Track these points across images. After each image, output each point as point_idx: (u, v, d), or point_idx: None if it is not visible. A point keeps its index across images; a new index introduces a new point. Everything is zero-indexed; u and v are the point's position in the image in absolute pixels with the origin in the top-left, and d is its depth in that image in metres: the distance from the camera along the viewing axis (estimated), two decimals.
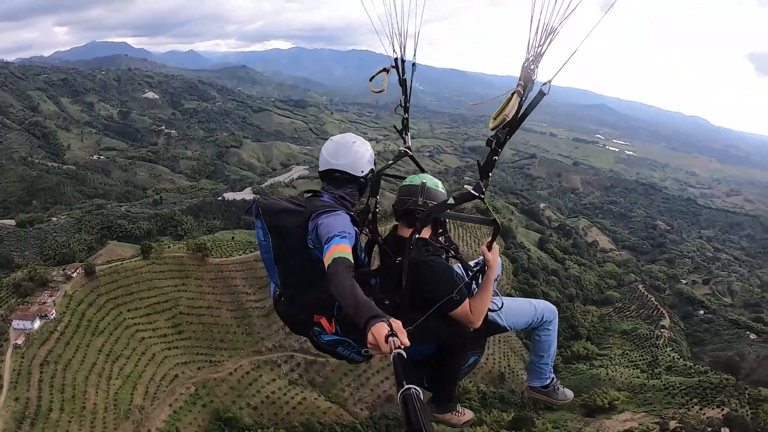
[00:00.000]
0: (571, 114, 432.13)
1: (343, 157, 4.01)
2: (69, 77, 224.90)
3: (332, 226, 3.36)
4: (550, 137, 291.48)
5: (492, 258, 4.16)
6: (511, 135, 3.40)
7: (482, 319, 4.10)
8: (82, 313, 55.61)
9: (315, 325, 3.78)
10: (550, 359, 5.11)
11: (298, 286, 3.78)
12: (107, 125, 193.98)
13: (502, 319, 4.56)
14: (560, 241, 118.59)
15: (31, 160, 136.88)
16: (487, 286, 4.13)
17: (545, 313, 4.83)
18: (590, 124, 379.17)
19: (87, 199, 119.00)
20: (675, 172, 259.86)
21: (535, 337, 4.99)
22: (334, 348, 3.86)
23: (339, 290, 2.81)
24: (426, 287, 3.90)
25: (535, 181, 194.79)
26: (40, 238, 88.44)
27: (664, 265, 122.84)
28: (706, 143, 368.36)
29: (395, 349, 2.19)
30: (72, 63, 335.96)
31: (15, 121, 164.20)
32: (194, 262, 68.89)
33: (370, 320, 2.43)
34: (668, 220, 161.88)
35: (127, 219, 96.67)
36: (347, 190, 4.08)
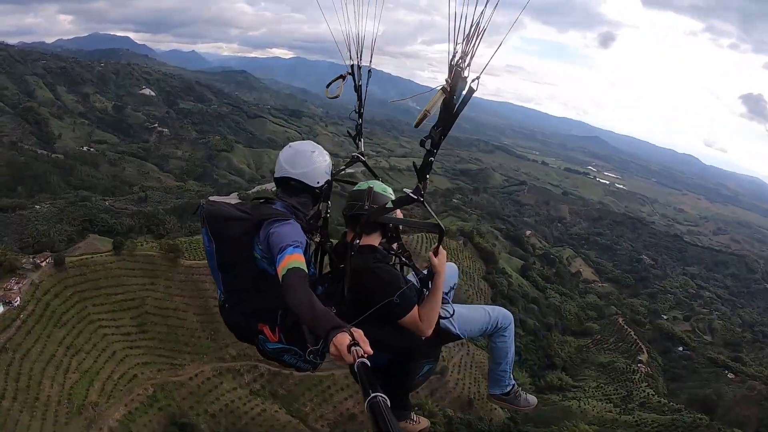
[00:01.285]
0: (564, 144, 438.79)
1: (299, 166, 3.90)
2: (68, 66, 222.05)
3: (285, 236, 3.33)
4: (541, 165, 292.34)
5: (438, 263, 4.03)
6: (445, 135, 3.34)
7: (433, 326, 4.00)
8: (47, 303, 54.61)
9: (259, 333, 3.70)
10: (509, 366, 5.05)
11: (242, 294, 3.72)
12: (101, 118, 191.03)
13: (455, 327, 4.47)
14: (543, 270, 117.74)
15: (21, 146, 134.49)
16: (435, 292, 4.02)
17: (500, 319, 4.75)
18: (583, 156, 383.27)
19: (72, 190, 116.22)
20: (663, 207, 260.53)
21: (492, 344, 4.94)
22: (280, 356, 3.78)
23: (296, 302, 2.83)
24: (370, 294, 3.82)
25: (523, 208, 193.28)
26: (20, 225, 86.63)
27: (646, 299, 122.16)
28: (697, 181, 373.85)
29: (358, 358, 2.21)
30: (73, 52, 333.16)
31: (9, 105, 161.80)
32: (165, 263, 67.54)
33: (332, 331, 2.46)
34: (653, 254, 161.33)
35: (110, 213, 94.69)
36: (301, 199, 3.95)
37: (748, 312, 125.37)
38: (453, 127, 3.35)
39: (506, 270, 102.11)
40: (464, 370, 69.81)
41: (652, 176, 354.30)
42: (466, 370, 69.88)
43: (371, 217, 3.94)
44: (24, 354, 48.68)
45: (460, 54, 3.08)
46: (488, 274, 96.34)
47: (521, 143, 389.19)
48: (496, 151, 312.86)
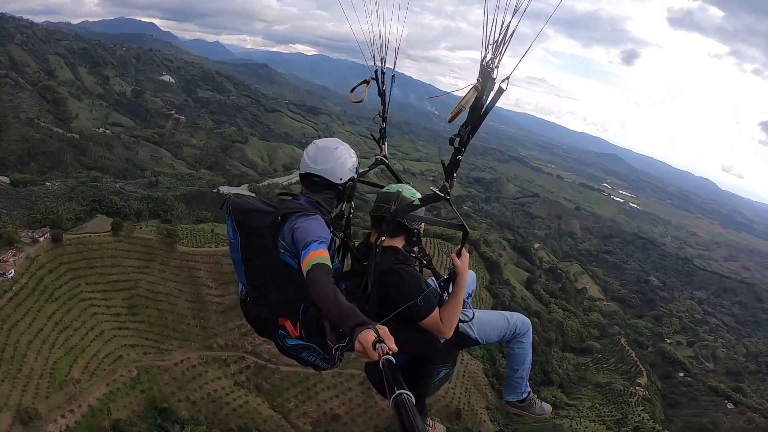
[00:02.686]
0: (581, 159, 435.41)
1: (323, 162, 3.92)
2: (90, 48, 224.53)
3: (310, 231, 3.36)
4: (556, 179, 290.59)
5: (461, 265, 4.10)
6: (473, 134, 3.43)
7: (453, 328, 4.04)
8: (41, 277, 55.48)
9: (280, 327, 3.71)
10: (525, 373, 4.99)
11: (263, 287, 3.72)
12: (119, 101, 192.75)
13: (474, 331, 4.51)
14: (548, 284, 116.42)
15: (37, 123, 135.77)
16: (457, 293, 4.06)
17: (518, 326, 4.76)
18: (599, 172, 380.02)
19: (85, 170, 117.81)
20: (676, 230, 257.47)
21: (509, 351, 4.92)
22: (299, 353, 3.78)
23: (321, 297, 2.85)
24: (393, 294, 3.89)
25: (534, 221, 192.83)
26: (30, 200, 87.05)
27: (650, 321, 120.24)
28: (712, 205, 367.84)
29: (384, 355, 2.22)
30: (97, 34, 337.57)
31: (29, 82, 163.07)
32: (162, 247, 67.76)
33: (357, 327, 2.48)
34: (662, 276, 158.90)
35: (119, 196, 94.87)
36: (324, 195, 3.96)
37: (754, 342, 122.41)
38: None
39: (510, 281, 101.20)
40: (456, 379, 68.37)
41: (667, 197, 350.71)
42: (458, 380, 68.62)
43: (398, 214, 3.97)
44: (12, 326, 49.22)
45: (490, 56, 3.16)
46: (491, 284, 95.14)
47: (538, 155, 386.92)
48: (512, 161, 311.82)
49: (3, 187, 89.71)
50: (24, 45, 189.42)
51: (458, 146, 3.48)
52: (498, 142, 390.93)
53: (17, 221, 72.97)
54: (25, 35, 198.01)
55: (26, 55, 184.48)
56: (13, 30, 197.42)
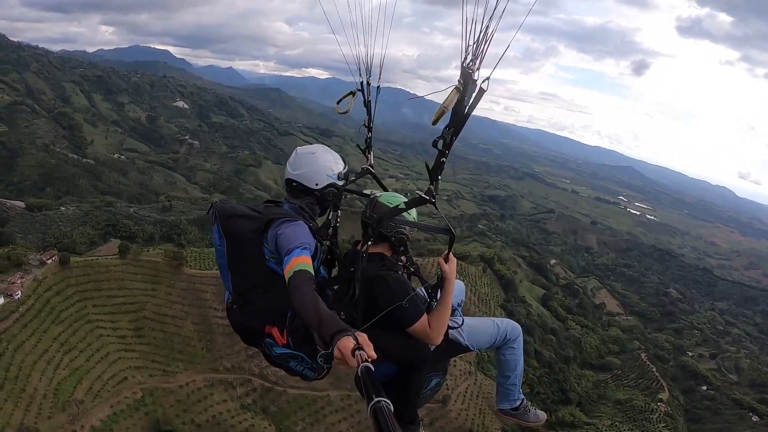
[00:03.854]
0: (596, 173, 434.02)
1: (299, 167, 3.95)
2: (104, 75, 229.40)
3: (292, 238, 3.37)
4: (572, 194, 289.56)
5: (449, 270, 4.11)
6: (456, 135, 3.44)
7: (442, 335, 4.04)
8: (47, 299, 55.67)
9: (267, 336, 3.67)
10: (518, 379, 4.94)
11: (250, 293, 3.70)
12: (133, 127, 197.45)
13: (464, 338, 4.50)
14: (565, 300, 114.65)
15: (53, 149, 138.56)
16: (445, 299, 4.06)
17: (509, 331, 4.74)
18: (614, 185, 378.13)
19: (99, 195, 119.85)
20: (694, 240, 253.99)
21: (500, 357, 4.87)
22: (287, 362, 3.75)
23: (301, 304, 2.88)
24: (380, 300, 3.87)
25: (550, 237, 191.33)
26: (45, 224, 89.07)
27: (671, 334, 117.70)
28: (730, 214, 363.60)
29: (362, 363, 2.21)
30: (112, 62, 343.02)
31: (45, 109, 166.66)
32: (169, 270, 67.82)
33: (336, 335, 2.46)
34: (681, 288, 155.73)
35: (133, 220, 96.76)
36: (305, 201, 3.96)
37: None
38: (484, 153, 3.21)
39: (526, 298, 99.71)
40: (469, 400, 67.02)
41: (684, 208, 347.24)
42: (471, 400, 67.11)
43: (384, 218, 3.95)
44: (17, 346, 49.35)
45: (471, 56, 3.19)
46: (506, 302, 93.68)
47: (552, 171, 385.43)
48: (526, 178, 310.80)
49: (18, 212, 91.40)
50: (40, 73, 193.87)
51: (442, 148, 3.47)
52: (512, 159, 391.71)
53: (32, 245, 73.92)
54: (40, 63, 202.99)
55: (42, 82, 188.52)
56: (29, 58, 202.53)
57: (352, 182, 4.57)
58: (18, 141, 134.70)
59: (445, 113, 3.31)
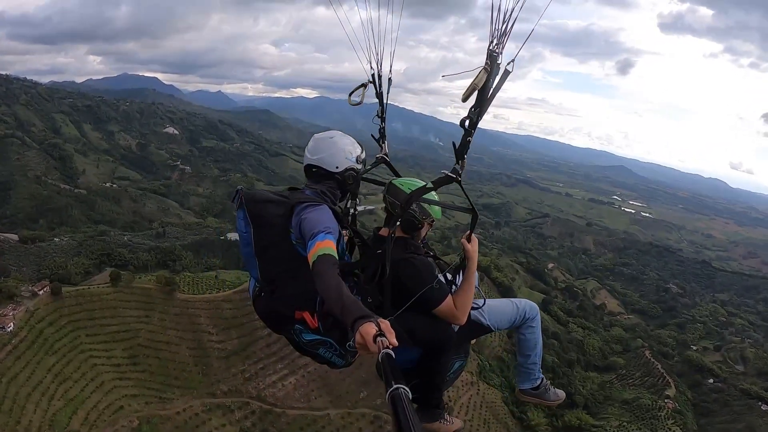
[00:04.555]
0: (588, 175, 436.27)
1: (318, 152, 3.99)
2: (93, 104, 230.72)
3: (316, 222, 3.36)
4: (565, 197, 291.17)
5: (472, 249, 4.25)
6: (482, 116, 3.61)
7: (467, 313, 4.11)
8: (40, 330, 55.84)
9: (296, 322, 3.63)
10: (538, 358, 5.00)
11: (279, 279, 3.67)
12: (125, 155, 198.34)
13: (486, 318, 4.56)
14: (565, 303, 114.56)
15: (45, 180, 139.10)
16: (469, 277, 4.15)
17: (527, 310, 4.77)
18: (607, 186, 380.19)
19: (93, 224, 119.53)
20: (691, 234, 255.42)
21: (520, 336, 4.92)
22: (316, 349, 3.69)
23: (325, 289, 2.87)
24: (407, 283, 3.89)
25: (546, 241, 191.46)
26: (39, 256, 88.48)
27: (674, 330, 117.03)
28: (725, 205, 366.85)
29: (383, 349, 2.19)
30: (101, 91, 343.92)
31: (35, 141, 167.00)
32: (161, 296, 67.66)
33: (358, 320, 2.46)
34: (681, 283, 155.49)
35: (127, 248, 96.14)
36: (326, 185, 3.96)
37: None
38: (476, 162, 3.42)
39: None
40: (473, 410, 66.50)
41: (678, 203, 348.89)
42: (475, 411, 66.67)
43: (413, 197, 3.98)
44: (11, 378, 49.29)
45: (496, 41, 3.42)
46: None
47: (545, 176, 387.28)
48: (519, 184, 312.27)
49: (12, 244, 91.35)
50: (29, 105, 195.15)
51: (468, 127, 3.63)
52: (504, 167, 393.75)
53: (27, 277, 73.49)
54: (29, 95, 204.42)
55: (32, 114, 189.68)
56: (18, 90, 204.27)
57: (368, 171, 4.55)
58: (10, 174, 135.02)
59: (476, 90, 3.47)
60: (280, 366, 62.43)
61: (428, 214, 4.22)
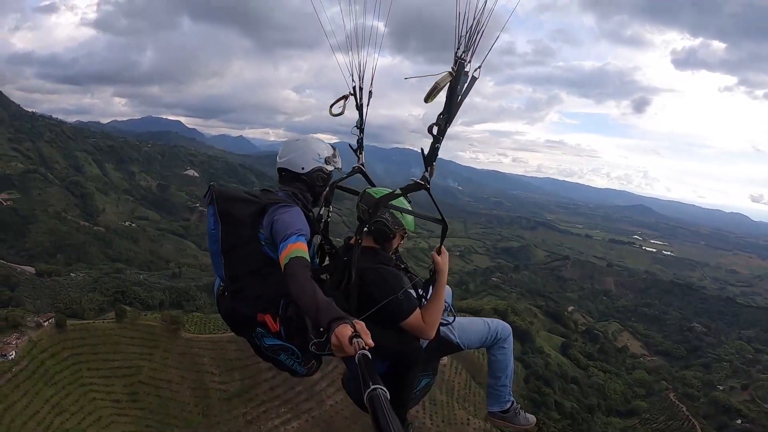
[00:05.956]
0: (608, 216, 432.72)
1: (284, 154, 3.99)
2: (116, 145, 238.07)
3: (289, 224, 3.34)
4: (585, 239, 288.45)
5: (442, 262, 4.13)
6: (450, 123, 3.63)
7: (436, 328, 3.97)
8: (42, 361, 56.33)
9: (258, 325, 3.58)
10: (509, 380, 4.88)
11: (242, 280, 3.62)
12: (145, 195, 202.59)
13: (455, 336, 4.44)
14: (585, 346, 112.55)
15: (65, 216, 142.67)
16: (439, 291, 4.02)
17: (499, 330, 4.69)
18: (628, 225, 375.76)
19: (110, 262, 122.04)
20: (714, 270, 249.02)
21: (491, 357, 4.83)
22: (277, 355, 3.67)
23: (299, 291, 2.85)
24: (374, 293, 3.76)
25: (566, 284, 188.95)
26: (54, 290, 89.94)
27: (699, 370, 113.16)
28: (747, 239, 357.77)
29: (359, 350, 2.21)
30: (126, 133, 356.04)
31: (57, 177, 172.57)
32: (166, 334, 67.74)
33: (333, 322, 2.46)
34: (705, 321, 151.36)
35: (142, 287, 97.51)
36: (296, 187, 3.94)
37: None
38: (495, 206, 3.19)
39: (544, 349, 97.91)
40: None
41: (700, 239, 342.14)
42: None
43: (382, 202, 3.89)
44: (8, 406, 49.69)
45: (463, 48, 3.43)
46: (523, 354, 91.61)
47: (564, 218, 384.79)
48: (539, 227, 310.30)
49: (28, 277, 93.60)
50: (53, 142, 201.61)
51: (436, 134, 3.62)
52: (523, 210, 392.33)
53: (39, 310, 73.91)
54: (54, 133, 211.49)
55: (55, 151, 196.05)
56: (43, 128, 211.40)
57: (343, 180, 4.51)
58: (31, 208, 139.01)
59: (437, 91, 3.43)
60: (283, 410, 61.16)
61: (400, 224, 4.06)
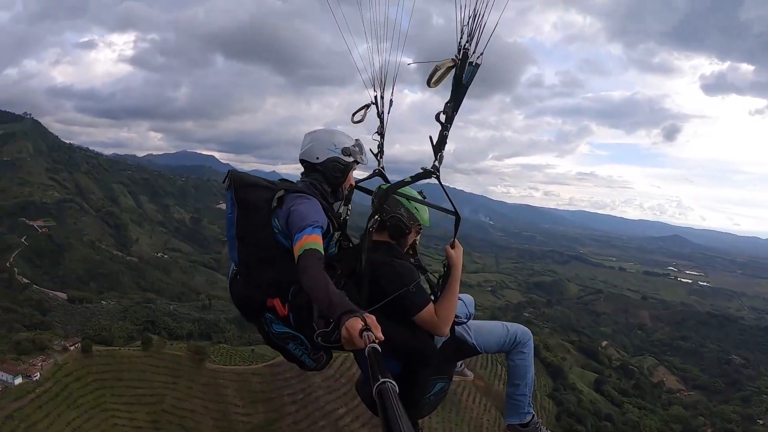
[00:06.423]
0: (642, 247, 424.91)
1: (304, 146, 4.00)
2: (151, 178, 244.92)
3: (306, 215, 3.36)
4: (619, 272, 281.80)
5: (455, 256, 3.98)
6: (456, 110, 3.57)
7: (449, 324, 3.85)
8: (66, 384, 56.94)
9: (267, 310, 3.60)
10: (528, 389, 4.59)
11: (255, 264, 3.67)
12: (178, 228, 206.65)
13: (471, 336, 4.31)
14: (620, 382, 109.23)
15: (99, 246, 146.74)
16: (452, 286, 3.88)
17: (518, 334, 4.49)
18: (662, 257, 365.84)
19: (141, 292, 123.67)
20: (752, 300, 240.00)
21: (510, 363, 4.61)
22: (286, 343, 3.68)
23: (311, 283, 2.87)
24: (386, 286, 3.71)
25: (599, 318, 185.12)
26: (85, 316, 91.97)
27: (738, 404, 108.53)
28: None
29: (369, 344, 2.20)
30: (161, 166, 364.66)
31: (93, 207, 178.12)
32: (191, 364, 67.92)
33: (344, 315, 2.48)
34: (744, 353, 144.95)
35: (172, 317, 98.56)
36: (313, 178, 3.95)
37: None
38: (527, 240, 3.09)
39: (577, 385, 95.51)
40: None
41: (737, 268, 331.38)
42: None
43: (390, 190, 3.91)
44: (29, 425, 50.22)
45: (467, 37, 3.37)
46: (555, 391, 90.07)
47: (597, 251, 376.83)
48: (572, 260, 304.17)
49: (60, 302, 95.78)
50: (90, 173, 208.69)
51: (444, 122, 3.55)
52: (555, 244, 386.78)
53: (69, 335, 75.07)
54: (91, 164, 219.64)
55: (91, 182, 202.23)
56: (81, 159, 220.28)
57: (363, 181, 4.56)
58: (66, 236, 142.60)
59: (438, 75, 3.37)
60: None
61: (416, 220, 4.07)
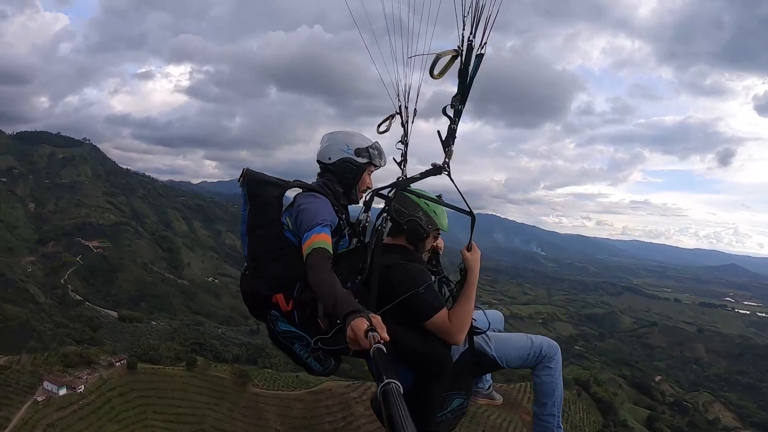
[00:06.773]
0: (698, 277, 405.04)
1: (320, 147, 4.02)
2: (205, 204, 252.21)
3: (315, 213, 3.38)
4: (674, 303, 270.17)
5: (472, 259, 3.84)
6: (464, 103, 3.50)
7: (464, 332, 3.65)
8: (109, 398, 58.05)
9: (273, 306, 3.59)
10: (557, 408, 4.28)
11: (263, 259, 3.69)
12: (229, 254, 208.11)
13: (491, 347, 4.04)
14: (673, 419, 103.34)
15: (151, 268, 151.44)
16: (468, 291, 3.72)
17: (544, 346, 4.20)
18: (719, 287, 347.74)
19: (191, 314, 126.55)
20: None
21: (535, 380, 4.27)
22: (291, 343, 3.64)
23: (318, 282, 2.89)
24: (398, 288, 3.58)
25: (653, 351, 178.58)
26: (135, 335, 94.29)
27: None
28: None
29: (375, 344, 2.17)
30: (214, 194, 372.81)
31: (147, 231, 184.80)
32: (234, 386, 67.74)
33: (350, 315, 2.47)
34: None
35: (220, 340, 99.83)
36: (326, 178, 3.96)
37: None
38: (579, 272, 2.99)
39: (628, 421, 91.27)
40: None
41: None
42: None
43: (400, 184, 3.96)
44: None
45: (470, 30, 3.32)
46: (605, 427, 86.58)
47: (651, 282, 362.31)
48: (625, 292, 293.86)
49: (111, 320, 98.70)
50: (145, 198, 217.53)
51: (453, 116, 3.51)
52: (608, 275, 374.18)
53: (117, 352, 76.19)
54: (146, 189, 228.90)
55: (146, 207, 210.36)
56: (137, 184, 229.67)
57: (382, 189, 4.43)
58: (119, 257, 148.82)
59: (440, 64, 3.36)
60: None
61: (434, 224, 3.96)
